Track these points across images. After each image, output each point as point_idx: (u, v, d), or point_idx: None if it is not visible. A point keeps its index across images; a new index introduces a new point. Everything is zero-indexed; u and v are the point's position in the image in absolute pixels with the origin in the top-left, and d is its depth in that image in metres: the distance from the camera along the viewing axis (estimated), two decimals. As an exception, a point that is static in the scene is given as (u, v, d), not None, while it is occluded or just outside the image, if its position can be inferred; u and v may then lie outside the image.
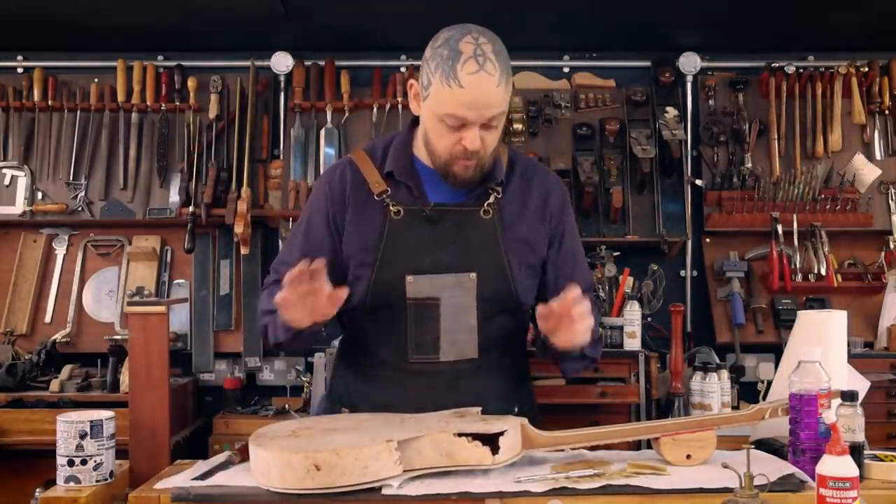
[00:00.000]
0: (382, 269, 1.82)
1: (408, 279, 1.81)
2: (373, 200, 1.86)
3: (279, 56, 3.88)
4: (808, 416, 1.61)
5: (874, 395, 2.49)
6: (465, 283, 1.82)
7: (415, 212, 1.84)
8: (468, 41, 1.72)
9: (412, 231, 1.83)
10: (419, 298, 1.81)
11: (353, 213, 1.87)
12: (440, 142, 1.78)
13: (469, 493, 1.49)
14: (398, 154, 1.90)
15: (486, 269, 1.83)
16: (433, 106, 1.75)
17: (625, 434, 1.73)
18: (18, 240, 3.87)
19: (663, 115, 3.77)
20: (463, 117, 1.71)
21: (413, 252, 1.82)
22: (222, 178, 3.78)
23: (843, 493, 1.34)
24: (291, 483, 1.46)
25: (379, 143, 1.96)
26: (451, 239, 1.83)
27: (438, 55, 1.73)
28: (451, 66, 1.69)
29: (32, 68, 3.92)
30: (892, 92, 3.87)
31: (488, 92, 1.70)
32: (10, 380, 3.37)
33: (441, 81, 1.70)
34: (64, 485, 1.70)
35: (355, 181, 1.89)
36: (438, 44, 1.75)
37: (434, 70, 1.72)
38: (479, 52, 1.70)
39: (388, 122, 3.87)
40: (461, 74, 1.68)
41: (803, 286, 3.70)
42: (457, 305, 1.81)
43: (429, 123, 1.79)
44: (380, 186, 1.86)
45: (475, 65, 1.69)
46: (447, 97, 1.71)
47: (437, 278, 1.81)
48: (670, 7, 3.50)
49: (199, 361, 3.79)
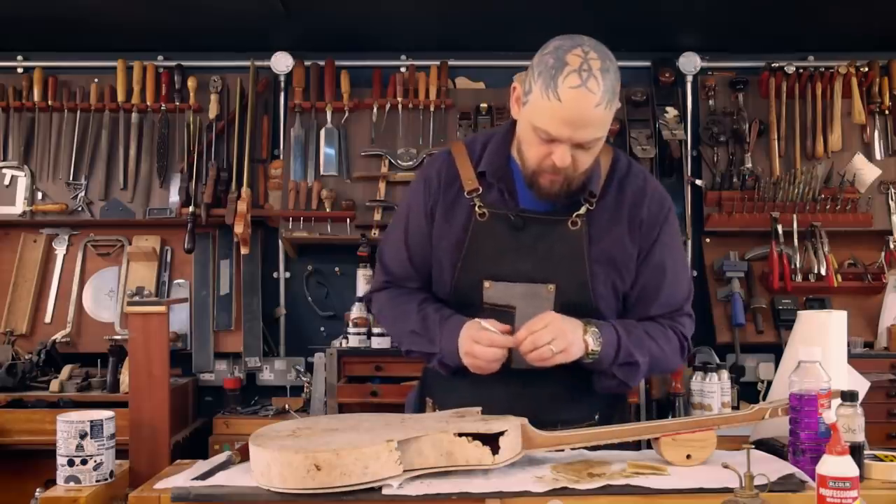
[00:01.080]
0: (463, 270, 1.81)
1: (485, 284, 1.79)
2: (463, 197, 1.83)
3: (279, 56, 3.88)
4: (808, 416, 1.61)
5: (874, 395, 2.48)
6: (542, 293, 1.79)
7: (500, 215, 1.81)
8: (577, 53, 1.63)
9: (495, 235, 1.80)
10: (495, 304, 1.80)
11: (443, 208, 1.85)
12: (530, 151, 1.72)
13: (469, 493, 1.49)
14: (494, 154, 1.84)
15: (567, 281, 1.79)
16: (529, 114, 1.68)
17: (625, 434, 1.73)
18: (18, 240, 3.88)
19: (663, 115, 3.77)
20: (555, 134, 1.65)
21: (493, 257, 1.80)
22: (222, 178, 3.78)
23: (843, 493, 1.33)
24: (291, 483, 1.46)
25: (480, 137, 1.91)
26: (533, 247, 1.79)
27: (544, 63, 1.65)
28: (552, 76, 1.62)
29: (32, 68, 3.92)
30: (892, 92, 3.88)
31: (586, 110, 1.62)
32: (10, 380, 3.37)
33: (541, 91, 1.63)
34: (64, 485, 1.70)
35: (449, 175, 1.86)
36: (547, 51, 1.67)
37: (536, 77, 1.65)
38: (585, 66, 1.62)
39: (388, 122, 3.87)
40: (561, 87, 1.61)
41: (803, 286, 3.70)
42: (532, 315, 1.75)
43: (523, 130, 1.74)
44: (472, 184, 1.83)
45: (577, 79, 1.61)
46: (544, 108, 1.64)
47: (513, 286, 1.79)
48: (670, 7, 3.51)
49: (199, 361, 3.79)
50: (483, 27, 3.70)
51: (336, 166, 3.85)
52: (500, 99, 3.86)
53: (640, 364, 1.80)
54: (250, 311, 3.83)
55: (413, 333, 1.85)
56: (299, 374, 3.76)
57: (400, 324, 1.90)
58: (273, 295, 3.93)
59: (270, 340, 3.89)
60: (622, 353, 1.78)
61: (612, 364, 1.78)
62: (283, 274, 3.95)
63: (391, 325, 1.97)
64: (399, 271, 1.94)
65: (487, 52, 3.93)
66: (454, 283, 1.82)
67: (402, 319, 1.88)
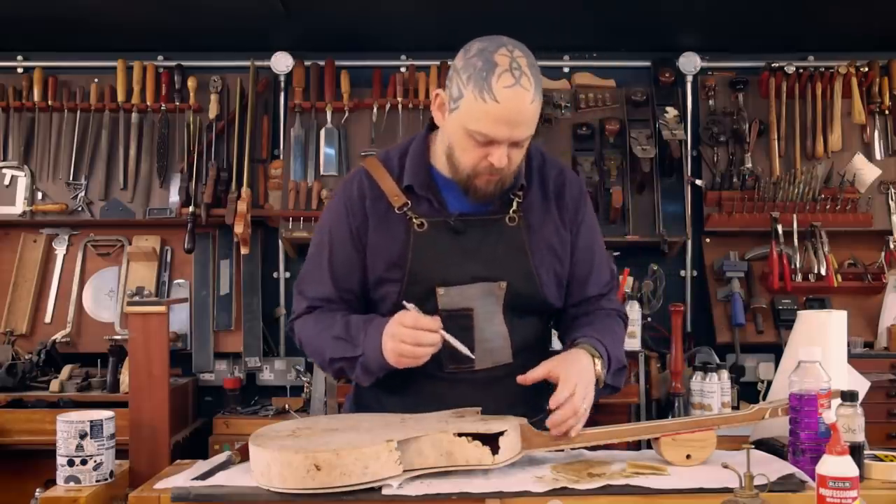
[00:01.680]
0: (412, 283, 1.77)
1: (439, 291, 1.77)
2: (393, 213, 1.80)
3: (279, 56, 3.88)
4: (808, 416, 1.61)
5: (874, 395, 2.48)
6: (496, 291, 1.79)
7: (438, 223, 1.79)
8: (503, 53, 1.63)
9: (438, 243, 1.79)
10: (452, 309, 1.78)
11: (375, 227, 1.81)
12: (465, 156, 1.71)
13: (469, 493, 1.49)
14: (416, 166, 1.82)
15: (515, 276, 1.80)
16: (463, 119, 1.66)
17: (625, 434, 1.73)
18: (18, 240, 3.88)
19: (663, 115, 3.77)
20: (494, 135, 1.64)
21: (441, 264, 1.78)
22: (222, 178, 3.78)
23: (843, 493, 1.34)
24: (291, 483, 1.46)
25: (393, 152, 1.89)
26: (478, 248, 1.79)
27: (471, 66, 1.64)
28: (484, 77, 1.61)
29: (32, 68, 3.92)
30: (892, 92, 3.88)
31: (523, 108, 1.63)
32: (10, 380, 3.37)
33: (474, 94, 1.62)
34: (64, 485, 1.70)
35: (373, 193, 1.82)
36: (471, 54, 1.66)
37: (466, 81, 1.64)
38: (514, 64, 1.62)
39: (388, 122, 3.87)
40: (496, 87, 1.61)
41: (803, 286, 3.70)
42: (489, 313, 1.78)
43: (455, 136, 1.71)
44: (399, 199, 1.80)
45: (511, 78, 1.61)
46: (480, 111, 1.63)
47: (467, 289, 1.78)
48: (670, 7, 3.51)
49: (199, 361, 3.79)
50: (483, 27, 3.67)
51: (336, 166, 3.85)
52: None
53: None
54: (250, 311, 3.83)
55: (336, 339, 1.78)
56: (299, 374, 3.76)
57: (324, 335, 1.81)
58: (273, 295, 3.93)
59: (270, 340, 3.89)
60: (613, 362, 1.78)
61: (607, 375, 1.77)
62: (283, 274, 3.95)
63: (315, 339, 1.84)
64: (322, 300, 1.86)
65: (487, 52, 3.93)
66: (403, 297, 1.76)
67: (327, 329, 1.81)
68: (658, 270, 3.56)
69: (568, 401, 1.63)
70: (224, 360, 3.84)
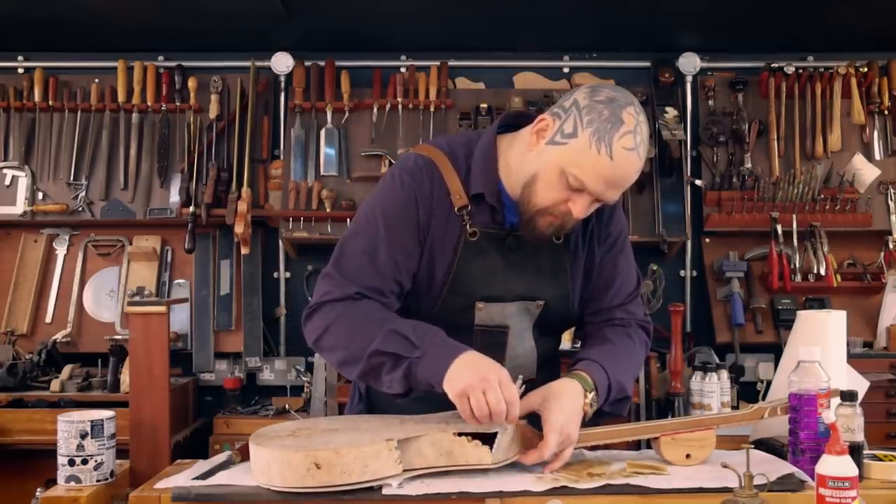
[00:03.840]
0: (452, 293, 1.71)
1: (478, 306, 1.72)
2: (453, 214, 1.70)
3: (279, 56, 3.88)
4: (807, 416, 1.61)
5: (873, 394, 2.49)
6: (532, 310, 1.77)
7: (491, 235, 1.71)
8: (631, 112, 1.57)
9: (487, 256, 1.71)
10: (487, 325, 1.74)
11: (438, 225, 1.71)
12: (547, 192, 1.62)
13: (469, 492, 1.49)
14: (486, 174, 1.71)
15: (553, 296, 1.77)
16: (566, 157, 1.58)
17: (625, 434, 1.73)
18: (19, 240, 3.88)
19: (663, 115, 3.77)
20: (591, 187, 1.58)
21: (484, 278, 1.71)
22: (222, 178, 3.78)
23: (843, 493, 1.34)
24: (291, 482, 1.46)
25: (458, 148, 1.75)
26: (524, 266, 1.74)
27: (597, 111, 1.56)
28: (608, 130, 1.55)
29: (33, 68, 3.93)
30: (891, 92, 3.88)
31: (630, 174, 1.59)
32: (10, 380, 3.38)
33: (591, 141, 1.55)
34: (64, 484, 1.71)
35: (440, 191, 1.71)
36: (599, 98, 1.57)
37: (586, 124, 1.56)
38: (638, 129, 1.57)
39: (388, 123, 3.87)
40: (616, 145, 1.54)
41: (803, 286, 3.70)
42: (521, 330, 1.76)
43: (545, 169, 1.61)
44: (462, 200, 1.70)
45: (632, 141, 1.56)
46: (590, 159, 1.56)
47: (507, 306, 1.73)
48: (670, 7, 3.51)
49: (200, 361, 3.79)
50: (483, 27, 3.71)
51: (336, 166, 3.85)
52: (499, 99, 3.87)
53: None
54: (250, 311, 3.83)
55: (393, 333, 1.60)
56: (299, 374, 3.76)
57: (375, 324, 1.63)
58: (273, 295, 3.94)
59: (271, 340, 3.89)
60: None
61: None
62: (283, 274, 3.95)
63: (361, 325, 1.64)
64: (372, 290, 1.69)
65: (487, 52, 3.94)
66: (442, 305, 1.71)
67: (384, 321, 1.64)
68: (658, 270, 3.56)
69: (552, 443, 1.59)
70: (224, 360, 3.84)
